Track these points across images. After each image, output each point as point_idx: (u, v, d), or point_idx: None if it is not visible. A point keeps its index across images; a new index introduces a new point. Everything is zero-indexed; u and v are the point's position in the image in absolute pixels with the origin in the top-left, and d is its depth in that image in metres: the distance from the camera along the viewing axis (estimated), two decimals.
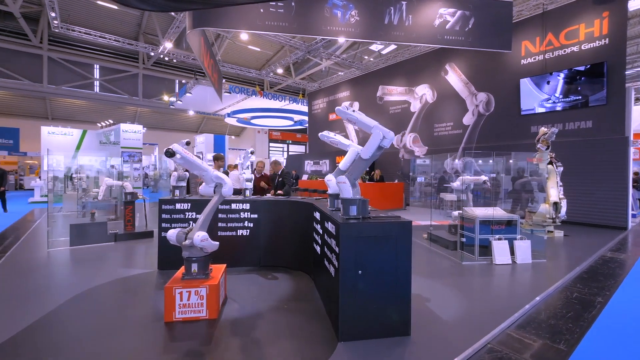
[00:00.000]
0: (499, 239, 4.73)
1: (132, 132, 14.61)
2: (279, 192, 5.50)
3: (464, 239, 4.81)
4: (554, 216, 6.76)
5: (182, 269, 2.94)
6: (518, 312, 3.00)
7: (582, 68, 8.11)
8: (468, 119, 10.67)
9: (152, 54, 17.30)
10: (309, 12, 7.47)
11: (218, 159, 5.46)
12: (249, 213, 4.26)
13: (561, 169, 7.15)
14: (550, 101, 8.70)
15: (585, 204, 8.08)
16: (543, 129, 6.57)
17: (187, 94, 17.81)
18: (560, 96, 8.50)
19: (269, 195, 5.42)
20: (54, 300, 3.17)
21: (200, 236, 2.79)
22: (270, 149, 31.06)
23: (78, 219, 5.92)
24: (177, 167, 4.19)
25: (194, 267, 2.89)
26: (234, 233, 4.22)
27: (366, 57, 16.42)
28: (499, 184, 7.73)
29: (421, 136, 12.18)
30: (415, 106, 12.37)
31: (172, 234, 2.90)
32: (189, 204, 4.15)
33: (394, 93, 13.23)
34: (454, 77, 11.03)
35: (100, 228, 5.60)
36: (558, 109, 8.58)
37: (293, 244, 4.19)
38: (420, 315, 2.92)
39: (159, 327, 2.67)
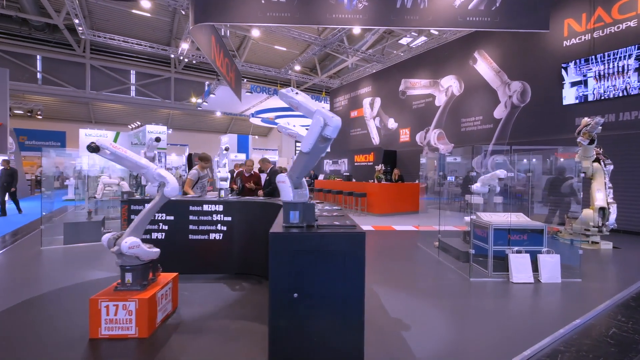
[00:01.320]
0: (518, 251, 3.90)
1: (157, 133, 15.10)
2: (265, 192, 5.07)
3: (472, 250, 4.04)
4: (599, 224, 5.63)
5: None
6: (525, 353, 2.28)
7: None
8: (500, 112, 9.51)
9: (181, 57, 17.89)
10: (312, 0, 6.99)
11: (203, 160, 5.12)
12: (222, 215, 3.88)
13: (610, 167, 5.97)
14: (598, 88, 7.39)
15: None
16: (585, 119, 5.48)
17: (211, 95, 18.17)
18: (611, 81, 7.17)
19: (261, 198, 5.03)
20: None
21: (128, 243, 2.43)
22: (297, 149, 30.96)
23: (76, 218, 5.98)
24: None
25: (128, 277, 2.54)
26: (206, 237, 3.87)
27: (395, 52, 15.54)
28: (530, 185, 6.68)
29: (446, 132, 11.14)
30: (441, 100, 11.36)
31: (104, 238, 2.58)
32: None
33: (417, 86, 12.29)
34: (484, 66, 9.91)
35: (95, 227, 5.57)
36: (610, 96, 7.25)
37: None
38: (388, 349, 2.32)
39: (80, 344, 2.35)
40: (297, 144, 31.34)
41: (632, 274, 4.24)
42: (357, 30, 10.38)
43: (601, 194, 5.78)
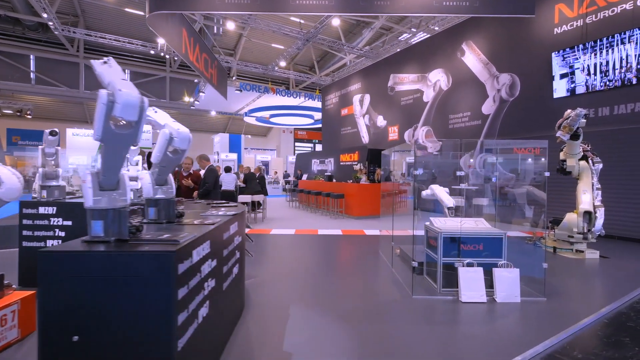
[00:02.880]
0: (470, 264, 3.30)
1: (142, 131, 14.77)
2: (199, 193, 4.57)
3: (414, 262, 3.45)
4: (584, 230, 4.95)
5: None
6: None
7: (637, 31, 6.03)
8: (488, 107, 8.82)
9: (162, 54, 17.63)
10: None
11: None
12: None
13: (599, 166, 5.28)
14: (591, 78, 6.67)
15: None
16: (568, 111, 4.81)
17: (201, 94, 17.84)
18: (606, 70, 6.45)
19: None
20: None
21: None
22: (296, 149, 30.51)
23: None
24: (44, 162, 3.47)
25: None
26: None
27: (383, 47, 14.89)
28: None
29: (434, 129, 10.48)
30: (429, 95, 10.70)
31: None
32: (54, 208, 3.40)
33: (405, 82, 11.65)
34: (472, 58, 9.23)
35: None
36: (603, 87, 6.53)
37: None
38: None
39: None
40: (297, 144, 30.89)
41: (613, 292, 3.59)
42: (336, 21, 9.81)
43: (587, 196, 5.09)
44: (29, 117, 19.17)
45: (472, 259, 3.36)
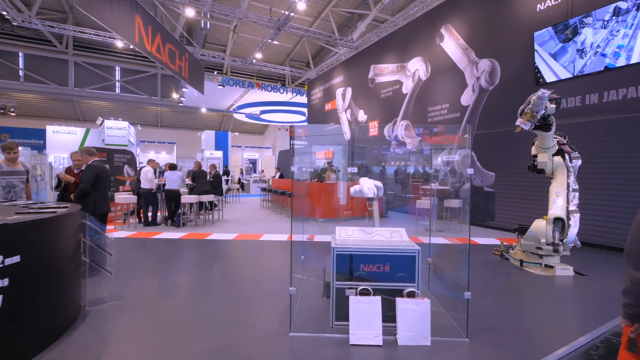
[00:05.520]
0: (364, 291, 2.47)
1: (116, 128, 14.33)
2: (76, 196, 3.84)
3: (292, 289, 2.63)
4: (554, 241, 4.03)
5: None
6: None
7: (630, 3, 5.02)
8: (467, 98, 7.87)
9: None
10: None
11: (5, 149, 3.95)
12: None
13: (577, 162, 4.35)
14: (579, 60, 5.68)
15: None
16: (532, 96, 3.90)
17: (184, 89, 17.30)
18: (593, 52, 5.45)
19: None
20: None
21: None
22: (293, 144, 29.76)
23: None
24: None
25: None
26: None
27: (362, 35, 13.96)
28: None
29: (413, 124, 9.56)
30: (408, 86, 9.78)
31: None
32: None
33: (385, 72, 10.75)
34: (451, 43, 8.27)
35: None
36: (592, 70, 5.54)
37: None
38: None
39: None
40: (295, 141, 30.09)
41: (577, 326, 2.71)
42: (302, 5, 8.98)
43: (560, 200, 4.16)
44: (13, 114, 19.00)
45: (372, 284, 2.53)
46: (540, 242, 4.10)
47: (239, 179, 18.43)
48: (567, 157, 4.36)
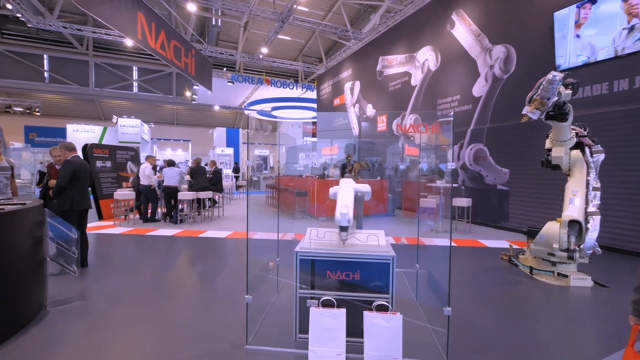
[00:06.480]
0: (327, 302, 2.15)
1: (129, 126, 14.60)
2: (54, 192, 3.74)
3: (248, 297, 2.35)
4: (570, 246, 3.54)
5: None
6: None
7: None
8: (479, 88, 7.29)
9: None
10: None
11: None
12: None
13: (600, 157, 3.82)
14: (610, 43, 5.05)
15: None
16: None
17: (195, 87, 17.42)
18: (627, 32, 4.82)
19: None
20: None
21: None
22: (305, 140, 29.57)
23: None
24: None
25: None
26: None
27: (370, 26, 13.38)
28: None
29: (423, 117, 9.04)
30: (417, 78, 9.26)
31: None
32: None
33: (394, 64, 10.26)
34: (462, 30, 7.70)
35: None
36: (624, 52, 4.90)
37: None
38: None
39: None
40: (307, 140, 29.89)
41: (586, 353, 2.27)
42: None
43: (578, 200, 3.65)
44: (38, 114, 19.90)
45: (339, 294, 2.21)
46: (553, 248, 3.62)
47: (250, 176, 18.44)
48: (587, 150, 3.83)
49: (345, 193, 2.57)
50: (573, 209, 3.60)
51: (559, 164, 3.90)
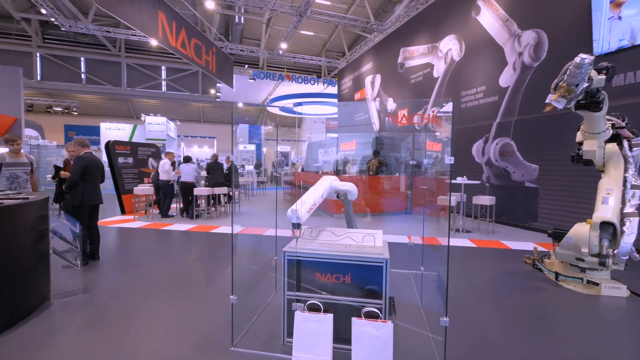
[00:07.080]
0: (313, 306, 2.01)
1: (155, 124, 15.16)
2: (67, 187, 3.86)
3: (233, 297, 2.25)
4: (602, 251, 3.15)
5: None
6: None
7: None
8: (506, 78, 6.77)
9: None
10: None
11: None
12: None
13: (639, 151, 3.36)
14: None
15: None
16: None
17: (218, 85, 17.76)
18: None
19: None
20: None
21: None
22: (327, 135, 29.40)
23: None
24: None
25: None
26: None
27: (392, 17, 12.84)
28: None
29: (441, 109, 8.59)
30: (439, 69, 8.79)
31: None
32: None
33: (415, 55, 9.82)
34: (489, 16, 7.18)
35: None
36: None
37: None
38: None
39: None
40: (330, 136, 29.66)
41: None
42: None
43: (612, 200, 3.23)
44: (75, 113, 21.21)
45: (327, 298, 2.07)
46: (581, 252, 3.23)
47: (271, 172, 18.61)
48: (625, 144, 3.38)
49: (314, 190, 2.50)
50: (606, 209, 3.20)
51: (592, 158, 3.48)
